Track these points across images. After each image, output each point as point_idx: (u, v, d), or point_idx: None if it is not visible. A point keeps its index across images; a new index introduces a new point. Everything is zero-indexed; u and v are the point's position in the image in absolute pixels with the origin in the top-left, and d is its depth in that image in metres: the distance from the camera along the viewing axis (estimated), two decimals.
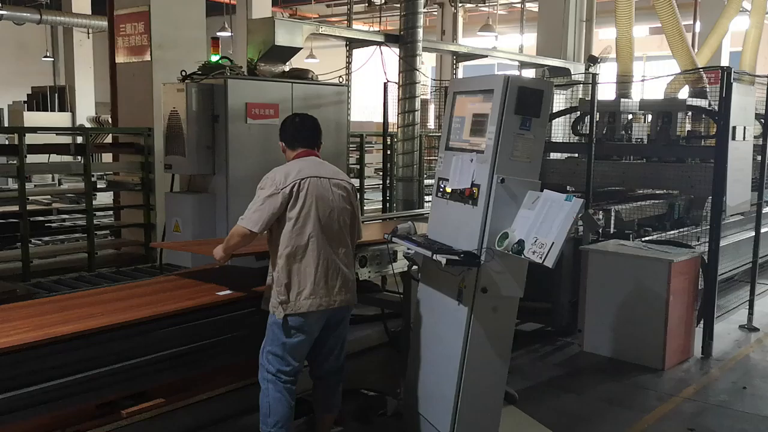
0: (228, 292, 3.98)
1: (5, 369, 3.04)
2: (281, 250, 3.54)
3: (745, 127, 6.09)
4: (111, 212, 7.72)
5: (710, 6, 13.48)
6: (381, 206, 9.43)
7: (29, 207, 6.03)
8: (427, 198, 8.20)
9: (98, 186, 7.13)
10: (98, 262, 6.22)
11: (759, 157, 6.68)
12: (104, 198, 8.11)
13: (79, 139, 6.67)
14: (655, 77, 8.63)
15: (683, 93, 8.39)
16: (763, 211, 7.01)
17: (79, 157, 6.29)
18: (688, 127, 8.06)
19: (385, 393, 4.55)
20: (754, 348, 6.16)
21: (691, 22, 14.37)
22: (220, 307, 3.88)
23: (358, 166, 9.76)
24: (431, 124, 14.28)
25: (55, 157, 7.51)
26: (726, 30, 10.61)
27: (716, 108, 6.04)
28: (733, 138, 5.89)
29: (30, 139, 5.85)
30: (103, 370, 3.35)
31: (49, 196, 9.97)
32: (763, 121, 6.80)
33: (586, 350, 5.89)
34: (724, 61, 12.99)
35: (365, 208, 9.86)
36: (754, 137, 6.54)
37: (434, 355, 4.01)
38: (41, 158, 7.86)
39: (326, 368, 3.83)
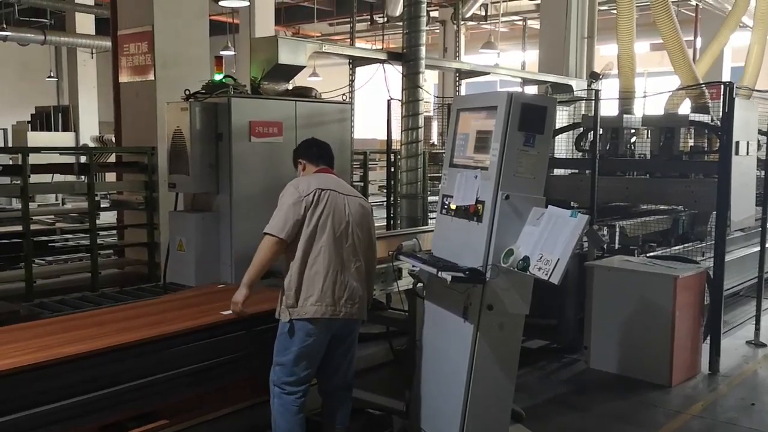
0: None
1: (7, 391, 3.02)
2: (295, 255, 3.62)
3: (748, 142, 6.09)
4: (114, 231, 7.71)
5: (711, 22, 13.56)
6: (385, 223, 9.43)
7: (33, 227, 6.02)
8: (431, 215, 8.18)
9: (102, 205, 7.13)
10: (102, 281, 6.20)
11: (762, 172, 6.68)
12: (108, 217, 8.11)
13: (83, 159, 6.68)
14: (657, 93, 8.65)
15: (684, 108, 8.40)
16: None
17: (83, 177, 6.30)
18: (690, 142, 8.06)
19: (391, 411, 4.51)
20: (762, 364, 6.11)
21: (692, 38, 14.47)
22: (224, 327, 3.86)
23: (362, 184, 9.76)
24: (435, 140, 14.32)
25: (58, 177, 7.53)
26: (725, 42, 10.66)
27: (719, 123, 6.05)
28: (737, 153, 5.89)
29: (34, 159, 5.86)
30: (106, 391, 3.33)
31: (52, 216, 9.97)
32: (766, 136, 6.80)
33: (592, 367, 5.85)
34: (726, 76, 13.04)
35: None
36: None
37: (440, 373, 3.98)
38: (45, 178, 7.88)
39: (334, 384, 3.85)
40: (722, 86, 5.87)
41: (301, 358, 3.62)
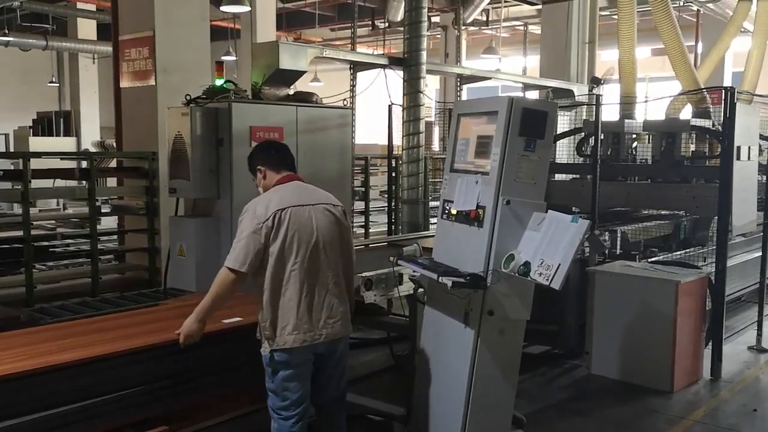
0: (235, 319, 3.93)
1: (5, 396, 3.01)
2: (264, 285, 3.40)
3: (749, 147, 6.08)
4: (115, 237, 7.71)
5: (712, 27, 13.57)
6: (386, 229, 9.42)
7: (33, 232, 6.02)
8: (432, 220, 8.18)
9: (102, 210, 7.13)
10: (102, 286, 6.20)
11: (764, 177, 6.66)
12: (109, 222, 8.11)
13: (84, 164, 6.68)
14: (658, 98, 8.65)
15: (686, 113, 8.40)
16: None
17: (84, 182, 6.30)
18: (692, 147, 8.06)
19: (392, 417, 4.49)
20: (764, 369, 6.09)
21: (693, 44, 14.47)
22: (226, 335, 3.85)
23: (363, 189, 9.77)
24: (436, 146, 14.32)
25: (60, 182, 7.53)
26: (727, 46, 10.68)
27: (720, 128, 6.04)
28: (738, 158, 5.87)
29: (35, 164, 5.87)
30: (104, 397, 3.32)
31: (53, 221, 9.97)
32: (767, 141, 6.79)
33: (594, 373, 5.83)
34: (727, 82, 13.04)
35: (370, 230, 9.84)
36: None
37: (441, 379, 3.97)
38: (46, 183, 7.88)
39: (326, 396, 3.70)
40: (723, 91, 5.87)
41: (289, 382, 3.45)
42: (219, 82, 5.58)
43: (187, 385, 3.68)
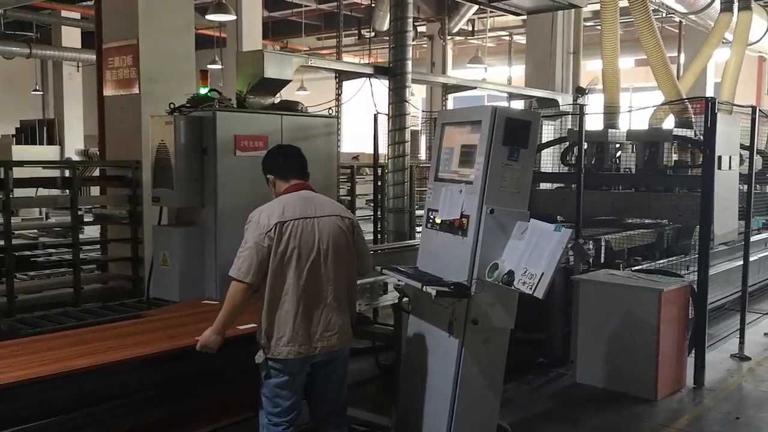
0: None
1: None
2: (264, 295, 3.42)
3: (730, 157, 6.14)
4: (98, 246, 7.64)
5: (694, 38, 13.72)
6: (372, 237, 9.41)
7: (15, 241, 5.95)
8: (418, 229, 8.18)
9: (85, 219, 7.07)
10: (84, 296, 6.13)
11: (745, 186, 6.73)
12: (92, 231, 8.03)
13: (67, 173, 6.62)
14: (641, 108, 8.72)
15: (668, 123, 8.48)
16: (751, 240, 7.03)
17: (66, 191, 6.25)
18: (675, 156, 8.12)
19: (377, 427, 4.47)
20: (747, 377, 6.13)
21: (676, 54, 14.62)
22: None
23: (349, 198, 9.76)
24: (422, 155, 14.35)
25: (42, 191, 7.47)
26: (709, 57, 10.77)
27: (702, 138, 6.10)
28: (719, 167, 5.93)
29: (17, 172, 5.81)
30: (87, 410, 3.31)
31: (35, 230, 9.87)
32: (747, 150, 6.85)
33: (578, 381, 5.84)
34: (709, 92, 13.18)
35: None
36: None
37: (426, 388, 3.96)
38: (29, 192, 7.81)
39: (324, 410, 3.68)
40: (705, 101, 5.93)
41: (281, 389, 3.46)
42: (203, 90, 5.56)
43: (174, 395, 3.65)
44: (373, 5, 15.26)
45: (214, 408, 3.98)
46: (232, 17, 12.66)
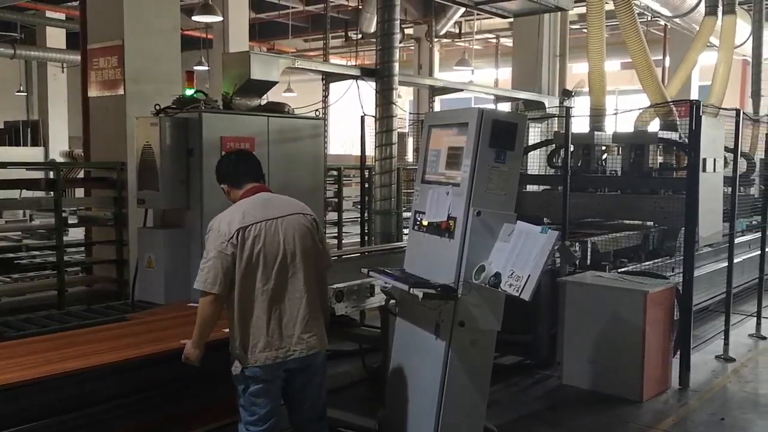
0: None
1: None
2: (233, 304, 3.34)
3: (715, 159, 6.20)
4: (82, 248, 7.58)
5: (679, 42, 13.86)
6: (359, 239, 9.40)
7: None
8: (405, 231, 8.17)
9: (69, 221, 7.00)
10: (69, 299, 6.07)
11: (729, 189, 6.79)
12: (76, 233, 7.96)
13: (51, 174, 6.56)
14: (627, 110, 8.78)
15: (654, 126, 8.53)
16: (736, 242, 7.09)
17: (50, 192, 6.18)
18: (660, 159, 8.18)
19: (364, 430, 4.46)
20: (731, 378, 6.17)
21: (661, 57, 14.76)
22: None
23: (336, 200, 9.74)
24: (409, 157, 14.37)
25: (26, 193, 7.39)
26: (694, 63, 10.88)
27: (687, 140, 6.14)
28: (704, 170, 5.98)
29: (1, 174, 5.75)
30: (73, 414, 3.28)
31: (19, 232, 9.78)
32: (732, 153, 6.91)
33: (565, 383, 5.86)
34: (694, 95, 13.30)
35: (343, 241, 9.82)
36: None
37: (413, 391, 3.96)
38: (12, 194, 7.73)
39: (302, 417, 3.62)
40: (689, 105, 5.98)
41: (256, 397, 3.39)
42: (189, 92, 5.53)
43: (157, 399, 3.62)
44: (360, 7, 15.28)
45: (204, 411, 3.94)
46: (219, 18, 12.61)
